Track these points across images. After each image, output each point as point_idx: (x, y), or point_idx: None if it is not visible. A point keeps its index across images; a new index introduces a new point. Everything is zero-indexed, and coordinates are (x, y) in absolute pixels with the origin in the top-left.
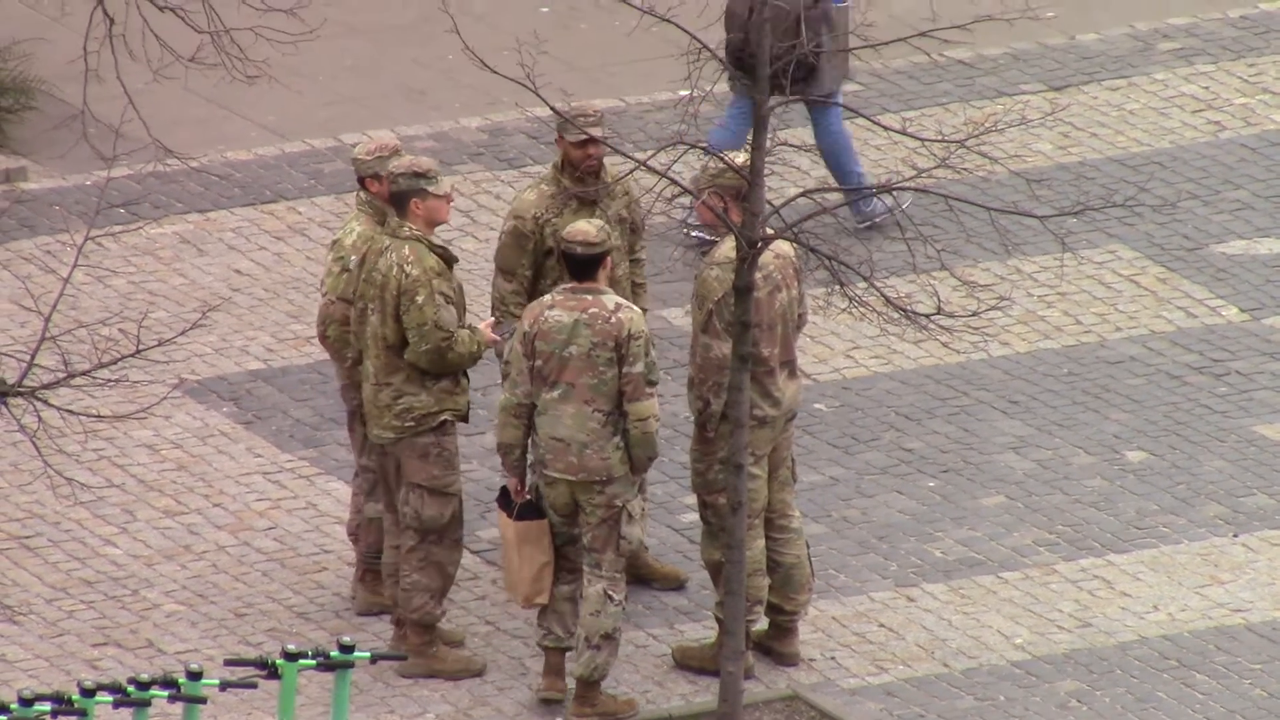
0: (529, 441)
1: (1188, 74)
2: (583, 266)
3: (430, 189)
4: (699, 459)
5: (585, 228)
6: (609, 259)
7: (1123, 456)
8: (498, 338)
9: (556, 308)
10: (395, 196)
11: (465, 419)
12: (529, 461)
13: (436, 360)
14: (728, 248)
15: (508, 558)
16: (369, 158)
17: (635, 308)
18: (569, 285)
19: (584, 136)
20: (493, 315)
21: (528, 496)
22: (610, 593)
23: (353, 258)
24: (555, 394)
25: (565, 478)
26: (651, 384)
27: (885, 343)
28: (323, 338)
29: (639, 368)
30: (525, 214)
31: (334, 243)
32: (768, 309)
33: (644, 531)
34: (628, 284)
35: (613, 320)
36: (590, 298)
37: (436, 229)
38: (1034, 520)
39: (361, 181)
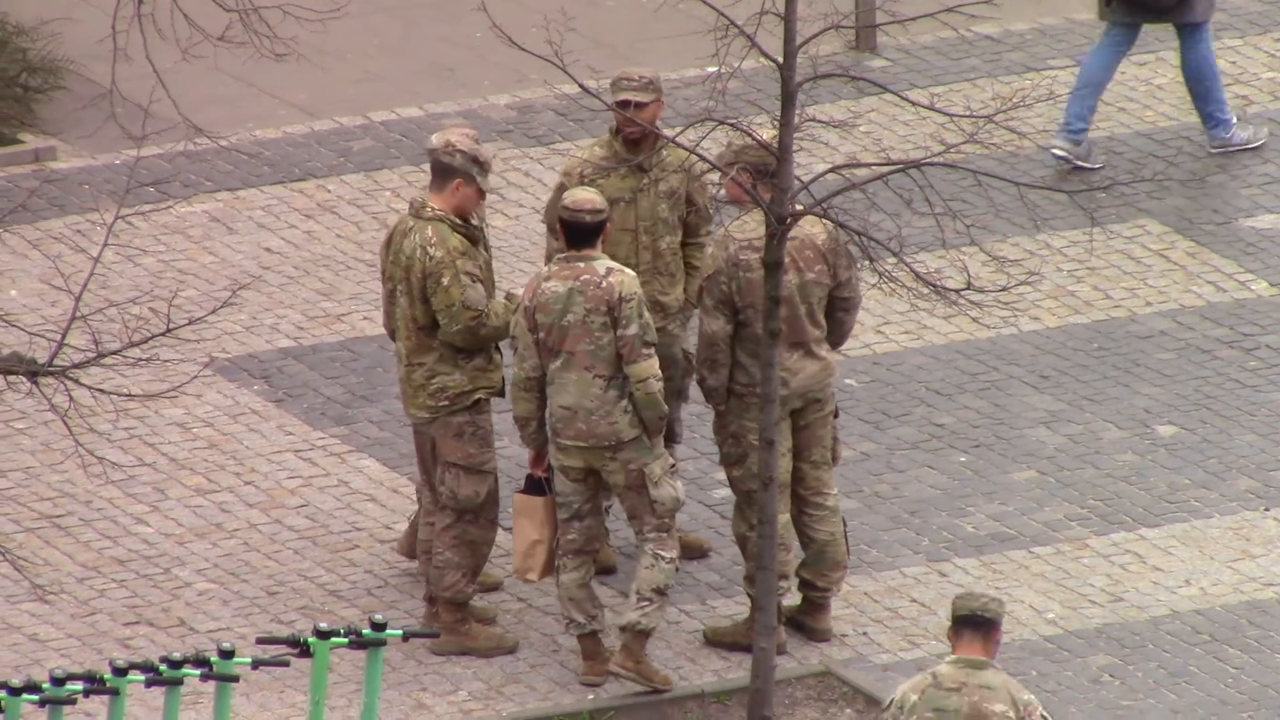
0: (543, 413)
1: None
2: (586, 234)
3: (479, 181)
4: (715, 433)
5: (590, 195)
6: (608, 227)
7: (1153, 431)
8: None
9: (552, 279)
10: (444, 169)
11: (501, 394)
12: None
13: (470, 338)
14: (736, 225)
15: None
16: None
17: (627, 271)
18: (564, 254)
19: (621, 98)
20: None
21: (543, 476)
22: (659, 552)
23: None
24: (558, 363)
25: (577, 444)
26: (648, 345)
27: (915, 318)
28: None
29: (633, 330)
30: (573, 171)
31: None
32: (757, 289)
33: (679, 489)
34: (677, 261)
35: (604, 285)
36: (582, 265)
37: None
38: (1065, 495)
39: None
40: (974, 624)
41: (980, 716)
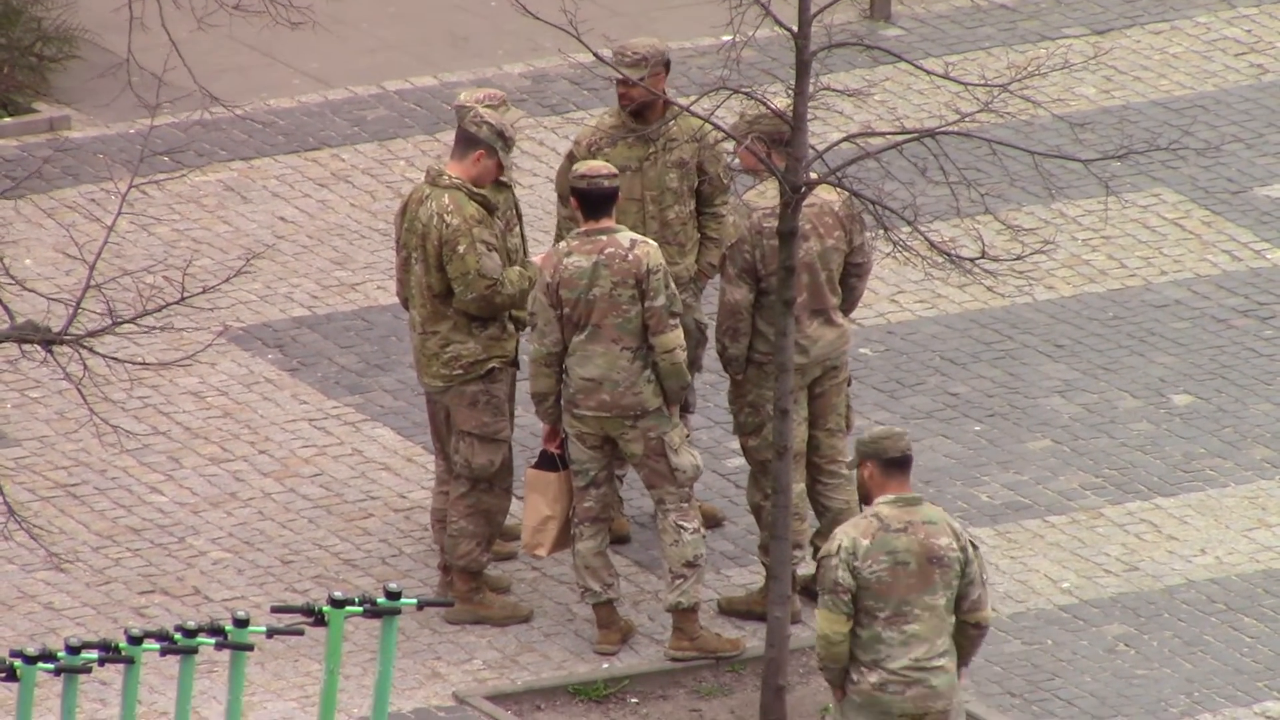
0: (560, 389)
1: (1230, 17)
2: (603, 201)
3: (501, 155)
4: (731, 402)
5: (601, 164)
6: (619, 196)
7: (1169, 400)
8: None
9: (574, 253)
10: (469, 137)
11: (515, 364)
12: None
13: (485, 306)
14: (755, 193)
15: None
16: (474, 105)
17: (651, 242)
18: (583, 229)
19: (619, 76)
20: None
21: (556, 452)
22: (681, 523)
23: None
24: (584, 336)
25: (598, 414)
26: (674, 315)
27: (930, 287)
28: None
29: (660, 301)
30: (582, 140)
31: None
32: (774, 258)
33: (697, 458)
34: (686, 231)
35: (630, 258)
36: (605, 238)
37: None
38: (1080, 464)
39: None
40: (903, 463)
41: (930, 552)
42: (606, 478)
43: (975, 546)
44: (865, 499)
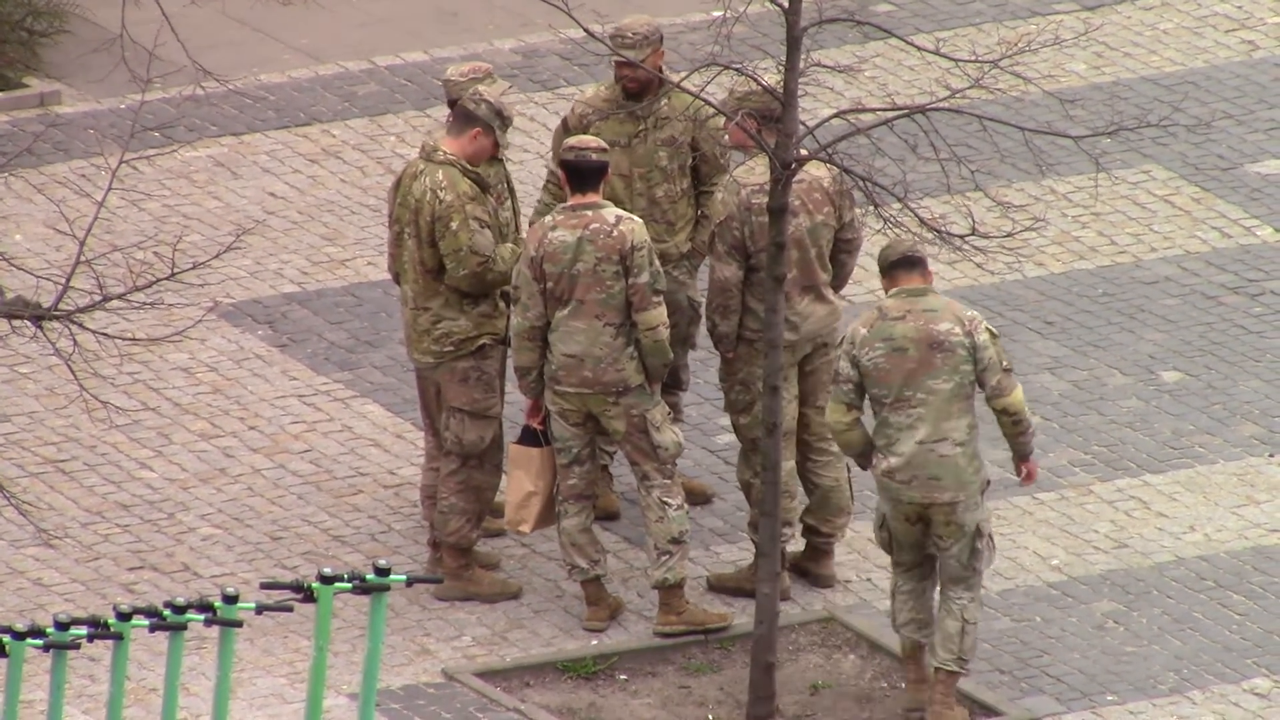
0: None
1: None
2: (589, 176)
3: (498, 133)
4: (722, 380)
5: (590, 138)
6: (608, 172)
7: (1158, 377)
8: None
9: (559, 228)
10: (466, 115)
11: (505, 342)
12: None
13: (477, 283)
14: (744, 169)
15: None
16: (462, 79)
17: (636, 219)
18: (569, 203)
19: (620, 59)
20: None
21: (539, 427)
22: (665, 499)
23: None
24: (566, 311)
25: (580, 391)
26: (657, 293)
27: None
28: None
29: (644, 278)
30: (576, 109)
31: None
32: (763, 234)
33: (679, 435)
34: (676, 210)
35: (615, 234)
36: (590, 213)
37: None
38: (1070, 441)
39: (452, 103)
40: (909, 263)
41: (928, 337)
42: (590, 455)
43: (993, 334)
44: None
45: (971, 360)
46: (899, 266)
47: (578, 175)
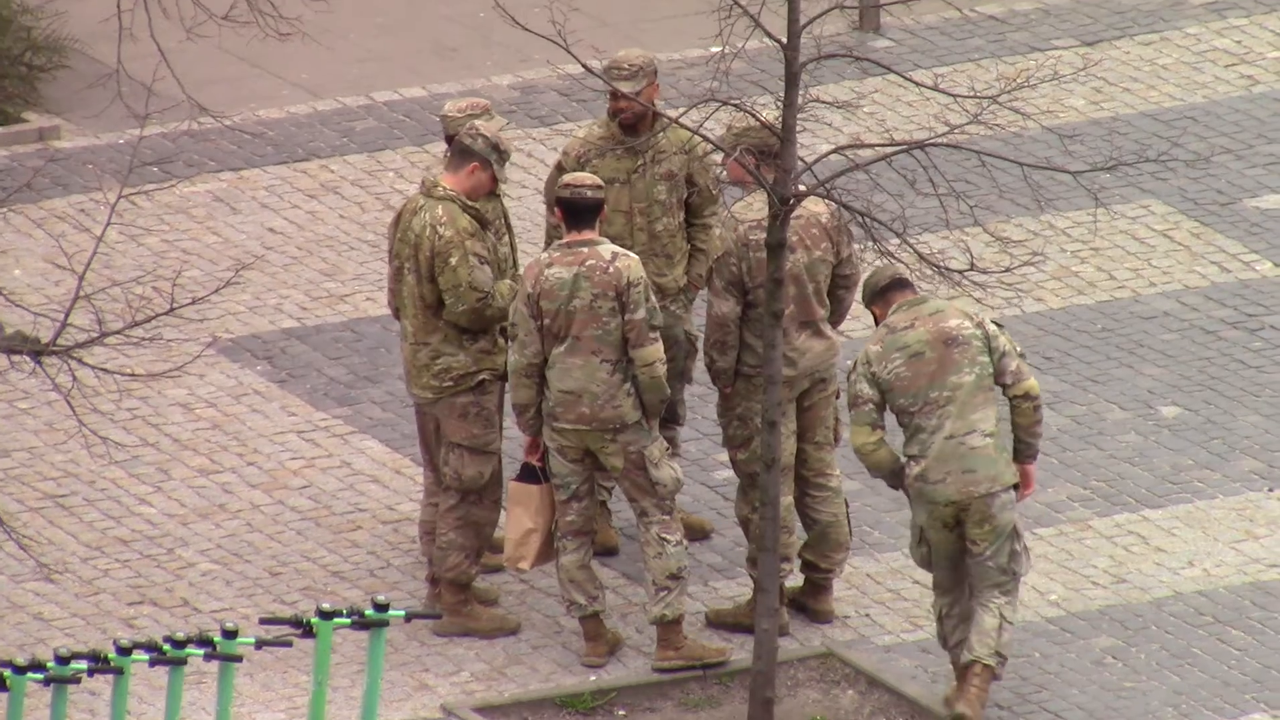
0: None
1: (1220, 28)
2: (585, 213)
3: (495, 167)
4: (720, 415)
5: (586, 175)
6: (604, 209)
7: (1157, 412)
8: None
9: (555, 265)
10: (463, 150)
11: (504, 378)
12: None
13: (475, 319)
14: (742, 205)
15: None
16: (460, 115)
17: (632, 255)
18: (565, 240)
19: (614, 90)
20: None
21: (538, 464)
22: (664, 535)
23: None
24: (563, 348)
25: (578, 427)
26: (654, 329)
27: None
28: None
29: (640, 314)
30: (570, 150)
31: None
32: (761, 270)
33: (678, 471)
34: (675, 243)
35: (611, 270)
36: (586, 250)
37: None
38: (1069, 476)
39: (449, 139)
40: (902, 283)
41: (941, 335)
42: (588, 491)
43: (999, 324)
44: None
45: (987, 350)
46: (893, 289)
47: (574, 212)
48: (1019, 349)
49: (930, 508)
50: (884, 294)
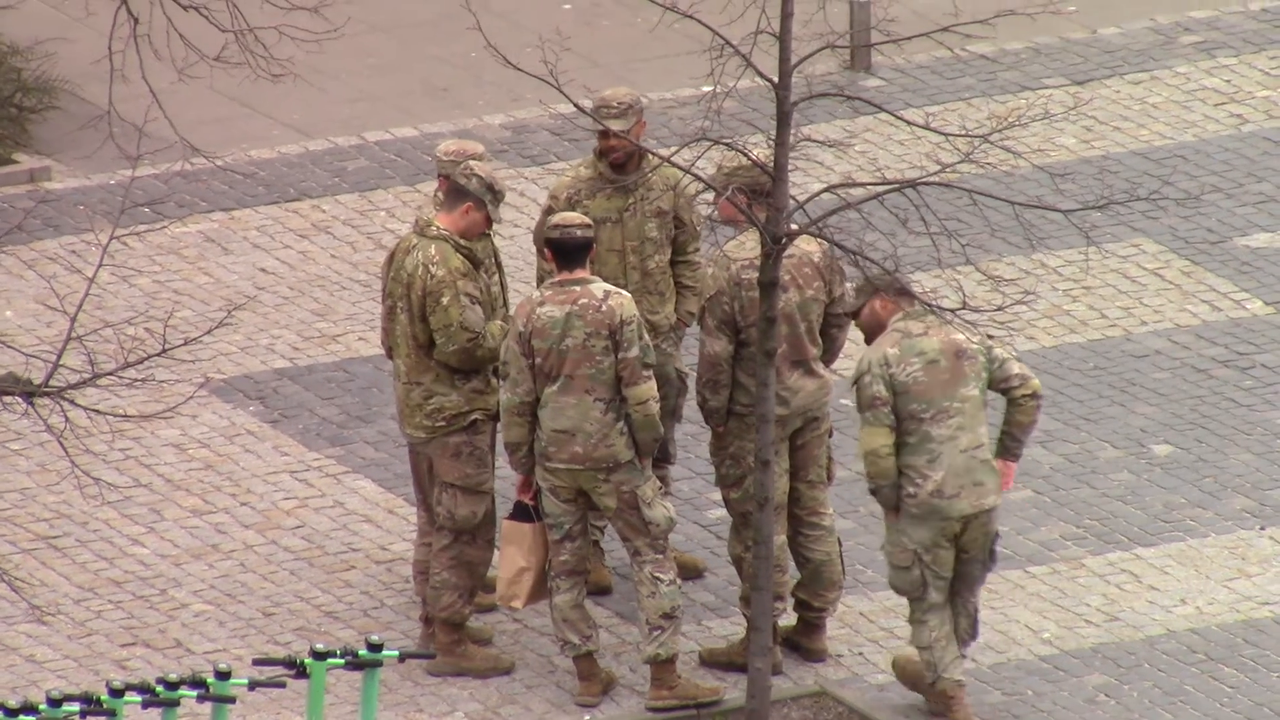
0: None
1: (1210, 67)
2: (575, 253)
3: (490, 208)
4: (713, 454)
5: (575, 215)
6: (595, 247)
7: (1149, 450)
8: None
9: (547, 303)
10: (458, 190)
11: (497, 418)
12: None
13: (466, 359)
14: (734, 244)
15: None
16: (445, 158)
17: (624, 293)
18: (557, 279)
19: (601, 128)
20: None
21: (530, 502)
22: (657, 574)
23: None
24: (555, 387)
25: (571, 467)
26: (647, 366)
27: None
28: None
29: (634, 352)
30: (559, 193)
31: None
32: (753, 309)
33: (670, 510)
34: (666, 280)
35: (604, 309)
36: (579, 288)
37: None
38: (1061, 514)
39: (442, 178)
40: (902, 289)
41: (954, 346)
42: (581, 531)
43: (990, 336)
44: (876, 329)
45: (988, 366)
46: (905, 293)
47: (564, 252)
48: (1013, 351)
49: (942, 524)
50: (898, 295)
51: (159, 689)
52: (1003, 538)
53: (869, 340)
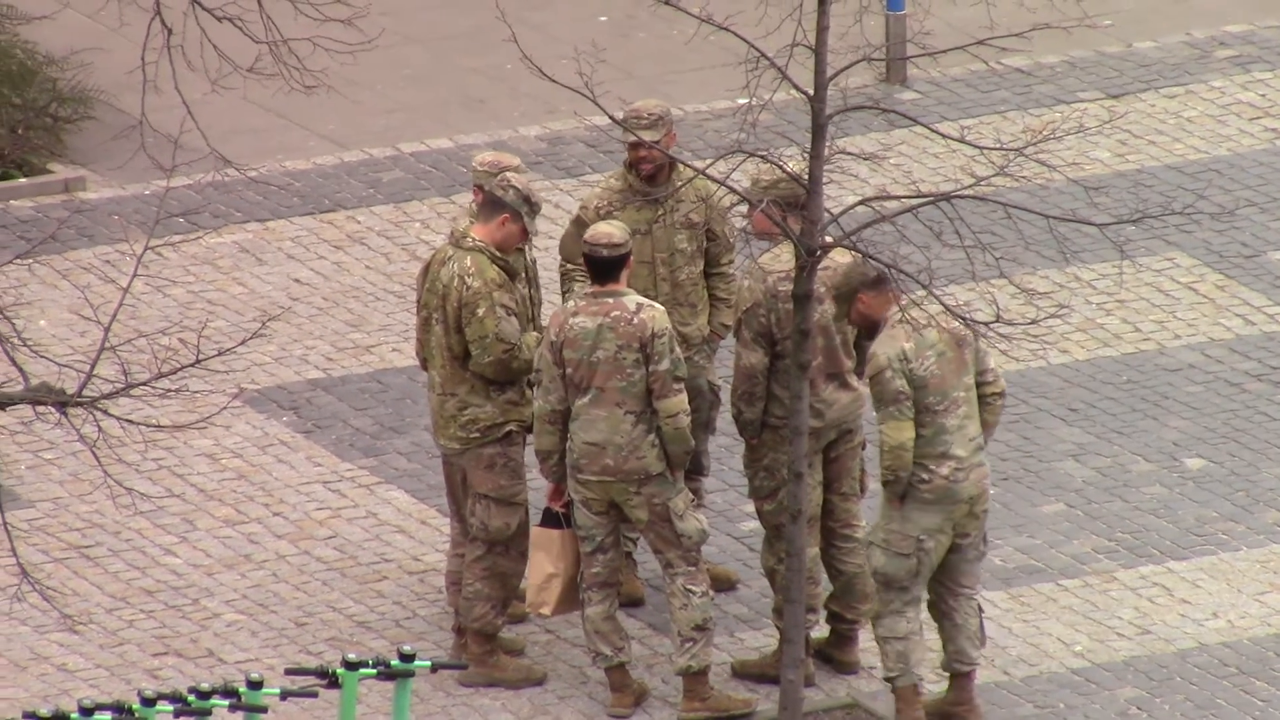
0: (565, 447)
1: (1245, 81)
2: (606, 268)
3: (526, 220)
4: (746, 466)
5: (609, 229)
6: (630, 260)
7: (1182, 464)
8: None
9: (580, 314)
10: (495, 202)
11: (530, 429)
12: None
13: (501, 370)
14: (770, 257)
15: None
16: (481, 169)
17: (657, 306)
18: (590, 290)
19: (633, 138)
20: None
21: (561, 510)
22: (689, 586)
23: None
24: (586, 399)
25: (602, 479)
26: (678, 380)
27: None
28: None
29: (665, 365)
30: (589, 205)
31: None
32: (789, 321)
33: (703, 522)
34: (698, 292)
35: (635, 321)
36: (612, 300)
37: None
38: (1093, 528)
39: (477, 189)
40: (877, 278)
41: (954, 336)
42: (613, 543)
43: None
44: (872, 325)
45: (976, 353)
46: (881, 280)
47: (598, 267)
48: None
49: (951, 508)
50: (877, 287)
51: (191, 698)
52: (1034, 551)
53: (866, 337)
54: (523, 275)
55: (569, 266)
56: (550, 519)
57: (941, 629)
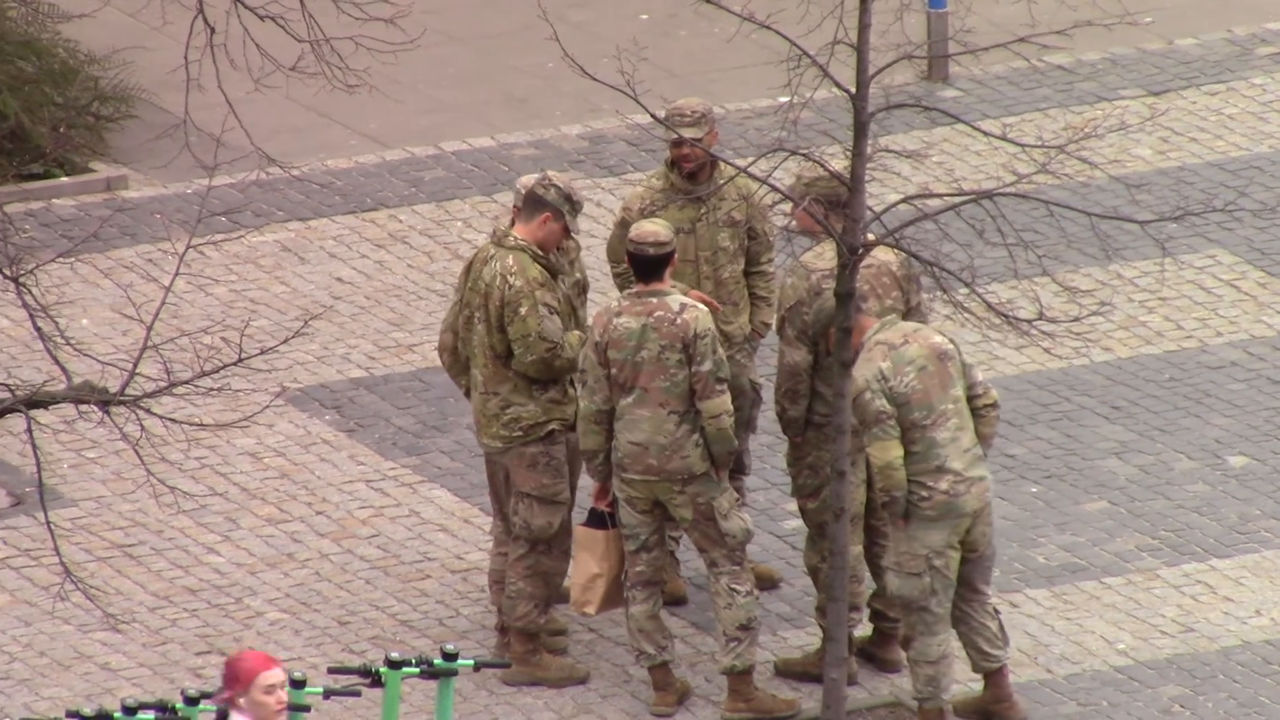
0: (610, 446)
1: (1269, 84)
2: (651, 267)
3: (568, 219)
4: (790, 464)
5: (654, 228)
6: (675, 258)
7: (1225, 461)
8: None
9: (624, 314)
10: (536, 200)
11: (574, 428)
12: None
13: (544, 369)
14: (813, 254)
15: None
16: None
17: (700, 306)
18: (634, 289)
19: (675, 136)
20: None
21: (606, 509)
22: (734, 586)
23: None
24: (630, 399)
25: (646, 479)
26: (721, 380)
27: (987, 348)
28: None
29: (707, 366)
30: (632, 205)
31: None
32: (826, 318)
33: (747, 521)
34: (740, 290)
35: (679, 321)
36: (655, 300)
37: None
38: (1136, 525)
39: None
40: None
41: (935, 349)
42: (657, 541)
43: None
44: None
45: (962, 365)
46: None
47: (641, 266)
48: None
49: (955, 523)
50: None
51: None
52: (1078, 549)
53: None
54: (579, 276)
55: (619, 270)
56: (595, 519)
57: (959, 634)
